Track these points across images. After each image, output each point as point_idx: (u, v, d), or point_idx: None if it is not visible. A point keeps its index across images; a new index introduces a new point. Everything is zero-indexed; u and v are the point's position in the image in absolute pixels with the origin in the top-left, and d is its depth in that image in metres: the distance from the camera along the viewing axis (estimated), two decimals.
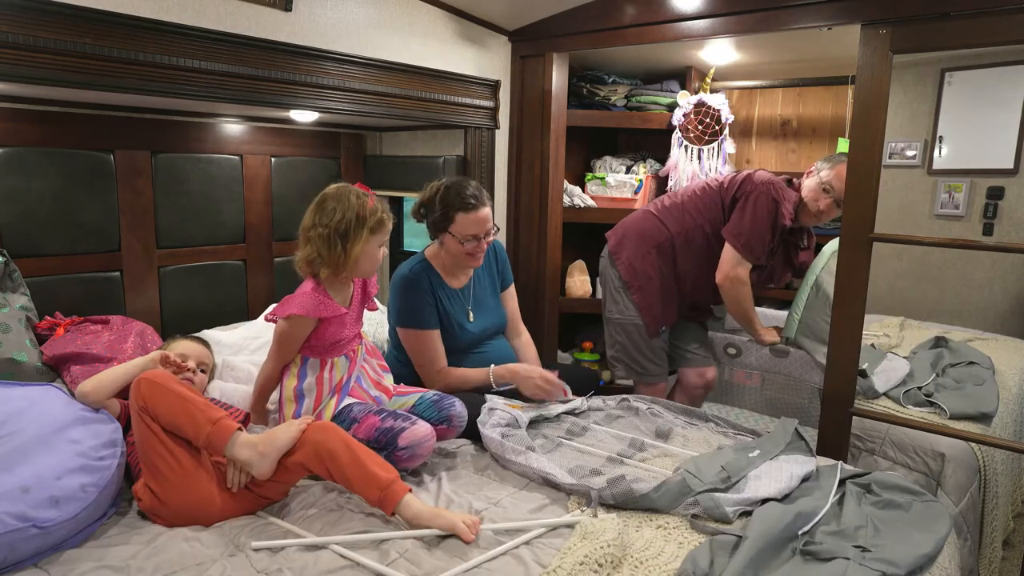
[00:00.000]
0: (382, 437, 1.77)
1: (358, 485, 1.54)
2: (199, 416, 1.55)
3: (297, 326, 1.87)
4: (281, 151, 2.94)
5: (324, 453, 1.56)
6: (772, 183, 2.59)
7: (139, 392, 1.55)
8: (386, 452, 1.76)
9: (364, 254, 1.86)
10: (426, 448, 1.78)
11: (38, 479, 1.43)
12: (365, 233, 1.83)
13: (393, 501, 1.51)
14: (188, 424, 1.55)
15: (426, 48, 2.73)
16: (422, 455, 1.78)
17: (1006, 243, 3.48)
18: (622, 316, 2.77)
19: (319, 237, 1.82)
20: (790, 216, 2.60)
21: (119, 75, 1.90)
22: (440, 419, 1.93)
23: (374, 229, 1.85)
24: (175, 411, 1.54)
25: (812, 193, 2.61)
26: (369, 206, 1.85)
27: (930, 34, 2.05)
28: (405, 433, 1.76)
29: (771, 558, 1.41)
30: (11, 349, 1.97)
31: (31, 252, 2.25)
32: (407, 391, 2.08)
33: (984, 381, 2.52)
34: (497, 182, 3.16)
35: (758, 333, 2.77)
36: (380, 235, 1.89)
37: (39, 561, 1.41)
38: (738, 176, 2.67)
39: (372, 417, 1.84)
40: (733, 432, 2.12)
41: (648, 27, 2.70)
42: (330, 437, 1.57)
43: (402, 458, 1.75)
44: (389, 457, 1.75)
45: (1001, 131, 3.50)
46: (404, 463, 1.77)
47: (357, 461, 1.54)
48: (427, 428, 1.80)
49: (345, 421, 1.86)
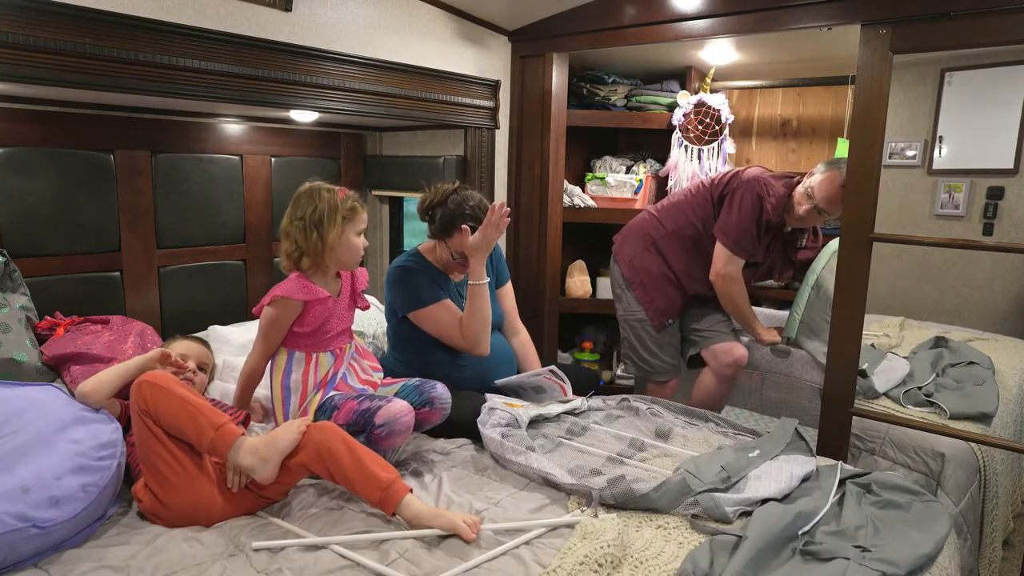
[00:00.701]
0: (359, 419, 1.80)
1: (359, 485, 1.54)
2: (202, 420, 1.55)
3: (283, 308, 1.88)
4: (281, 151, 2.94)
5: (325, 453, 1.56)
6: (758, 179, 2.61)
7: (140, 394, 1.55)
8: (365, 434, 1.78)
9: (341, 243, 1.91)
10: (402, 424, 1.78)
11: (38, 479, 1.43)
12: (339, 220, 1.89)
13: (394, 501, 1.51)
14: (191, 428, 1.55)
15: (426, 48, 2.73)
16: (400, 431, 1.79)
17: (1006, 243, 3.48)
18: (627, 312, 2.82)
19: (296, 230, 1.89)
20: (774, 211, 2.60)
21: (119, 75, 1.90)
22: (422, 402, 1.94)
23: (347, 217, 1.91)
24: (177, 414, 1.54)
25: (798, 196, 2.62)
26: (340, 196, 1.92)
27: (930, 34, 2.05)
28: (381, 411, 1.78)
29: (771, 558, 1.41)
30: (11, 349, 1.97)
31: (31, 252, 2.25)
32: (391, 382, 2.09)
33: (984, 381, 2.52)
34: (497, 182, 3.16)
35: (757, 332, 2.78)
36: (355, 223, 1.93)
37: (39, 561, 1.41)
38: (727, 174, 2.71)
39: (350, 402, 1.86)
40: (733, 432, 2.12)
41: (648, 27, 2.71)
42: (330, 437, 1.58)
43: (381, 436, 1.77)
44: (368, 438, 1.77)
45: (1001, 131, 3.50)
46: (384, 442, 1.78)
47: (358, 461, 1.54)
48: (403, 404, 1.81)
49: (327, 411, 1.88)
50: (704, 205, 2.70)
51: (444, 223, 2.20)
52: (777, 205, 2.60)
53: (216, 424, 1.56)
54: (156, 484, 1.56)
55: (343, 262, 1.97)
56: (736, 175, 2.67)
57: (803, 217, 2.62)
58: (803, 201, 2.59)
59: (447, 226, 2.19)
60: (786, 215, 2.66)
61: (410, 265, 2.26)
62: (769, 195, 2.59)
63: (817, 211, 2.57)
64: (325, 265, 1.93)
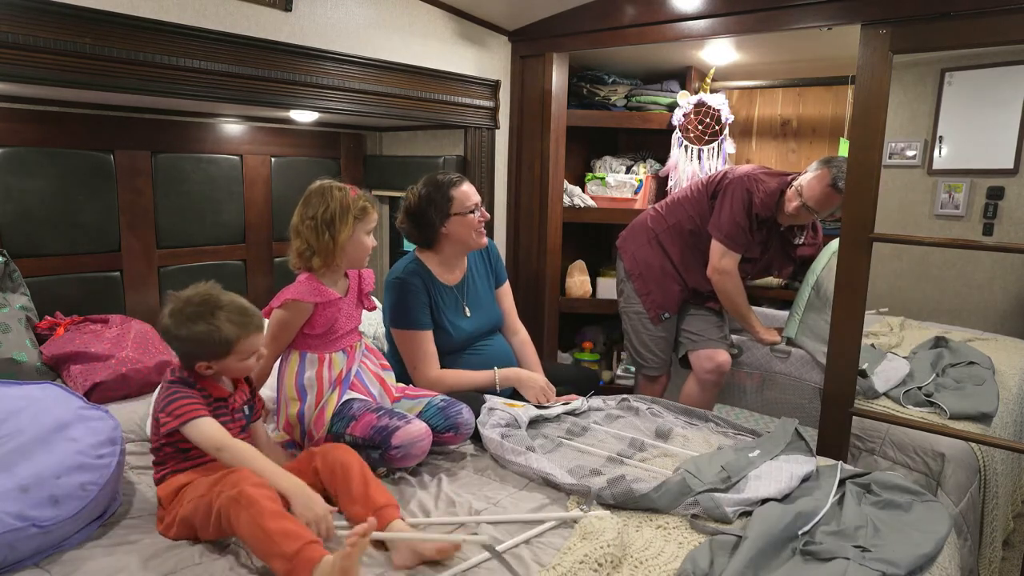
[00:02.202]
0: (377, 436, 1.78)
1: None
2: (276, 550, 1.32)
3: (294, 311, 1.87)
4: (281, 151, 2.94)
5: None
6: (748, 175, 2.66)
7: (227, 513, 1.38)
8: (380, 451, 1.76)
9: (352, 242, 1.91)
10: (419, 448, 1.77)
11: (37, 478, 1.43)
12: (350, 220, 1.88)
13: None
14: (266, 555, 1.34)
15: (426, 48, 2.73)
16: (416, 455, 1.78)
17: (1006, 243, 3.48)
18: (626, 304, 2.90)
19: (308, 229, 1.88)
20: (762, 205, 2.62)
21: (119, 75, 1.90)
22: (447, 427, 1.91)
23: (359, 216, 1.91)
24: (257, 540, 1.34)
25: (789, 193, 2.65)
26: (352, 196, 1.91)
27: (930, 34, 2.05)
28: (399, 432, 1.76)
29: (771, 558, 1.41)
30: (11, 349, 1.97)
31: (31, 252, 2.25)
32: (416, 394, 2.05)
33: (984, 381, 2.52)
34: (497, 182, 3.16)
35: (756, 331, 2.78)
36: (366, 223, 1.93)
37: (40, 560, 1.41)
38: (721, 172, 2.77)
39: (369, 415, 1.84)
40: (733, 432, 2.12)
41: (648, 27, 2.71)
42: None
43: (395, 457, 1.75)
44: (383, 456, 1.76)
45: (1001, 131, 3.50)
46: (398, 463, 1.77)
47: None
48: (422, 427, 1.79)
49: (344, 419, 1.86)
50: (700, 202, 2.75)
51: (438, 204, 2.21)
52: (766, 200, 2.62)
53: (288, 554, 1.31)
54: (189, 530, 1.50)
55: (353, 261, 1.97)
56: (728, 173, 2.72)
57: (794, 214, 2.64)
58: (793, 198, 2.62)
59: (443, 202, 2.21)
60: (777, 212, 2.68)
61: (410, 280, 2.22)
62: (758, 190, 2.62)
63: (806, 209, 2.59)
64: (336, 264, 1.93)
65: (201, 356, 1.57)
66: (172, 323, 1.56)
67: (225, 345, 1.56)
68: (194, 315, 1.54)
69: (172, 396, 1.54)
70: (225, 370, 1.62)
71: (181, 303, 1.56)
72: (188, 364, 1.59)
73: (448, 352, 2.26)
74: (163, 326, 1.58)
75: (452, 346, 2.27)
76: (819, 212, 2.62)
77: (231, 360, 1.59)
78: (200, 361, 1.58)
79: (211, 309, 1.56)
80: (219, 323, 1.55)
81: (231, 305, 1.59)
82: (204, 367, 1.59)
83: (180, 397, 1.53)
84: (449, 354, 2.26)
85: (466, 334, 2.30)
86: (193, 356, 1.58)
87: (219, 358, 1.58)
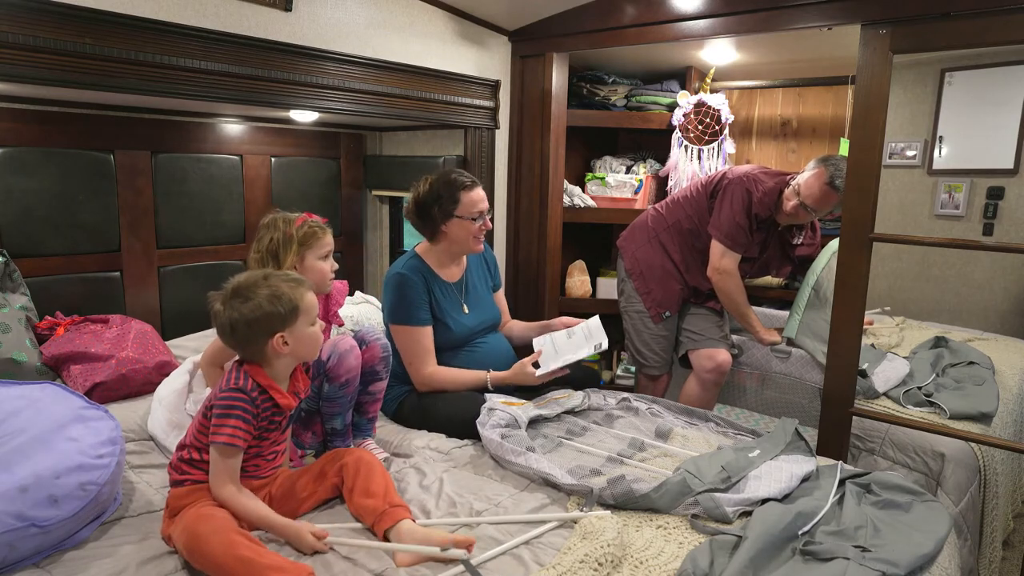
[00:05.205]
0: (314, 377, 1.86)
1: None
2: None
3: None
4: (281, 151, 2.94)
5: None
6: (747, 175, 2.67)
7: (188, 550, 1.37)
8: (319, 379, 1.86)
9: (304, 269, 1.90)
10: (345, 344, 1.87)
11: (37, 478, 1.43)
12: (294, 248, 1.89)
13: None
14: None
15: (426, 48, 2.73)
16: (345, 351, 1.87)
17: (1006, 243, 3.47)
18: (627, 304, 2.91)
19: (255, 262, 1.91)
20: (760, 204, 2.63)
21: (119, 75, 1.91)
22: (359, 342, 1.98)
23: (304, 243, 1.91)
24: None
25: (787, 192, 2.65)
26: (296, 224, 1.91)
27: (930, 34, 2.05)
28: (322, 350, 1.84)
29: (771, 558, 1.41)
30: (11, 349, 1.97)
31: (31, 252, 2.25)
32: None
33: (984, 381, 2.52)
34: (497, 182, 3.17)
35: (756, 331, 2.78)
36: (316, 248, 1.93)
37: (40, 560, 1.41)
38: (720, 172, 2.77)
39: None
40: (733, 432, 2.12)
41: (648, 27, 2.71)
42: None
43: (333, 367, 1.84)
44: (327, 379, 1.86)
45: (1001, 131, 3.50)
46: (339, 370, 1.85)
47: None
48: (341, 336, 1.91)
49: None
50: (699, 201, 2.76)
51: (444, 203, 2.21)
52: (764, 199, 2.63)
53: None
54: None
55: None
56: (727, 173, 2.73)
57: (792, 214, 2.64)
58: (791, 197, 2.62)
59: (449, 202, 2.21)
60: (776, 211, 2.68)
61: (410, 276, 2.23)
62: (757, 189, 2.63)
63: (804, 208, 2.59)
64: None
65: (275, 326, 1.49)
66: (232, 306, 1.49)
67: (291, 304, 1.51)
68: (249, 288, 1.50)
69: (233, 411, 1.47)
70: (300, 342, 1.53)
71: (229, 290, 1.51)
72: (260, 349, 1.50)
73: (448, 348, 2.27)
74: (225, 317, 1.49)
75: (453, 341, 2.28)
76: (817, 211, 2.62)
77: (301, 324, 1.53)
78: (276, 333, 1.49)
79: (263, 277, 1.53)
80: (277, 284, 1.52)
81: (276, 273, 1.57)
82: (281, 342, 1.50)
83: (238, 418, 1.47)
84: (449, 350, 2.27)
85: (467, 329, 2.31)
86: (266, 332, 1.49)
87: (290, 323, 1.51)
